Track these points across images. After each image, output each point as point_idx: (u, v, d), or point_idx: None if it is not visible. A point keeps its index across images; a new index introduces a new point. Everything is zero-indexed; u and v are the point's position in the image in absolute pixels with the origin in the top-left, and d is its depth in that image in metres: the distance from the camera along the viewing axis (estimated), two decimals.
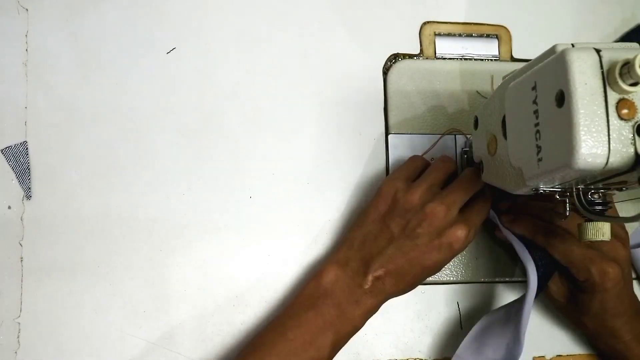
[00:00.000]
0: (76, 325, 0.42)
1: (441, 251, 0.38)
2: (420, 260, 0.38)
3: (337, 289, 0.38)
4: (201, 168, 0.45)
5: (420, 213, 0.38)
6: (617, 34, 0.50)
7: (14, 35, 0.45)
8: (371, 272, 0.38)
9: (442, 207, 0.38)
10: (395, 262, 0.38)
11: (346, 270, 0.39)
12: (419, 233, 0.38)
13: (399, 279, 0.38)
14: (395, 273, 0.38)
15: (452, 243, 0.38)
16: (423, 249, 0.38)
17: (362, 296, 0.38)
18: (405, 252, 0.38)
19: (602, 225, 0.33)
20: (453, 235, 0.38)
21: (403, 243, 0.38)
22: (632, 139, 0.26)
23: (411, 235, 0.38)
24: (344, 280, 0.38)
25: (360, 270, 0.38)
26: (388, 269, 0.38)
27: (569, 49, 0.27)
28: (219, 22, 0.47)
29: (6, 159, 0.44)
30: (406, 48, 0.49)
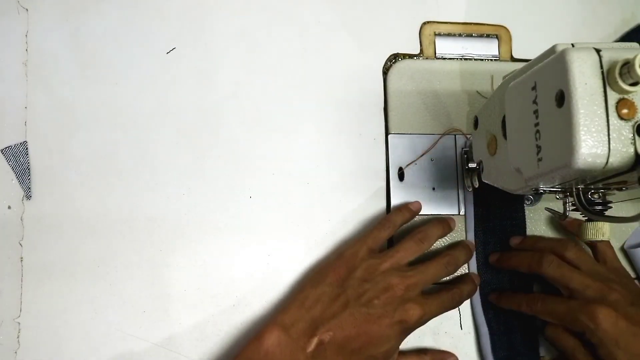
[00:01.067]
0: (76, 325, 0.42)
1: (391, 326, 0.38)
2: (368, 331, 0.37)
3: (279, 353, 0.37)
4: (201, 168, 0.45)
5: (380, 284, 0.38)
6: (617, 34, 0.50)
7: (14, 35, 0.45)
8: (317, 335, 0.37)
9: (403, 284, 0.39)
10: (344, 329, 0.37)
11: (290, 332, 0.37)
12: (375, 304, 0.38)
13: (343, 348, 0.37)
14: (341, 340, 0.37)
15: (404, 320, 0.38)
16: (374, 319, 0.37)
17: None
18: (357, 320, 0.37)
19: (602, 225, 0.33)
20: (406, 313, 0.38)
21: (357, 310, 0.38)
22: (632, 138, 0.26)
23: (367, 304, 0.38)
24: (287, 343, 0.37)
25: (307, 332, 0.37)
26: (335, 334, 0.37)
27: (569, 49, 0.27)
28: (219, 22, 0.47)
29: (6, 159, 0.44)
30: (406, 48, 0.49)
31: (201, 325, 0.43)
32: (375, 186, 0.46)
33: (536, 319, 0.43)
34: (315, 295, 0.39)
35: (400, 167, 0.46)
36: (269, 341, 0.37)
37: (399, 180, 0.46)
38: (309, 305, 0.39)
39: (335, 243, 0.45)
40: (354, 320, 0.37)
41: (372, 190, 0.46)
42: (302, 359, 0.37)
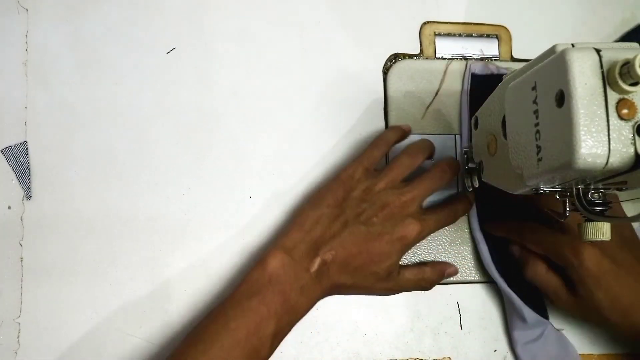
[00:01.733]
0: (76, 325, 0.42)
1: (391, 242, 0.39)
2: (369, 247, 0.38)
3: (283, 275, 0.37)
4: (201, 168, 0.45)
5: (377, 203, 0.39)
6: (617, 34, 0.50)
7: (14, 35, 0.45)
8: (320, 255, 0.38)
9: (400, 200, 0.39)
10: (344, 247, 0.38)
11: (293, 254, 0.38)
12: (374, 222, 0.39)
13: (345, 265, 0.38)
14: (343, 258, 0.38)
15: (403, 237, 0.39)
16: (375, 237, 0.39)
17: (307, 282, 0.38)
18: (357, 238, 0.38)
19: (602, 225, 0.33)
20: (406, 228, 0.39)
21: (357, 228, 0.39)
22: (632, 139, 0.26)
23: (366, 222, 0.39)
24: (290, 265, 0.38)
25: (309, 253, 0.38)
26: (337, 253, 0.38)
27: (569, 49, 0.27)
28: (219, 22, 0.47)
29: (6, 159, 0.44)
30: (406, 48, 0.49)
31: None
32: None
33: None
34: (314, 217, 0.40)
35: None
36: (272, 264, 0.38)
37: None
38: (309, 227, 0.39)
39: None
40: (354, 238, 0.38)
41: None
42: (307, 278, 0.38)
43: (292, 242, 0.39)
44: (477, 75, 0.47)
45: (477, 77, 0.47)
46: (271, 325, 0.36)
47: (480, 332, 0.46)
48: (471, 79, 0.47)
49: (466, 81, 0.47)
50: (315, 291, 0.38)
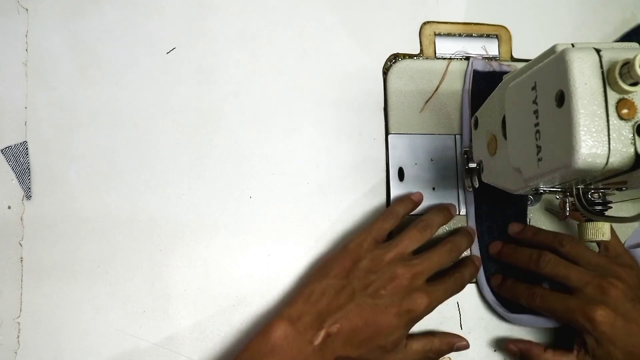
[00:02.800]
0: (76, 325, 0.42)
1: (398, 315, 0.38)
2: (376, 321, 0.37)
3: (286, 346, 0.37)
4: (201, 168, 0.45)
5: (386, 275, 0.38)
6: (617, 34, 0.50)
7: (14, 35, 0.45)
8: (325, 327, 0.37)
9: (408, 273, 0.39)
10: (351, 320, 0.37)
11: (297, 326, 0.37)
12: (381, 294, 0.38)
13: (350, 339, 0.37)
14: (348, 332, 0.37)
15: (411, 310, 0.38)
16: (382, 310, 0.38)
17: (310, 354, 0.37)
18: (364, 310, 0.37)
19: (602, 225, 0.33)
20: (413, 303, 0.38)
21: (364, 301, 0.38)
22: (632, 139, 0.26)
23: (373, 295, 0.38)
24: (294, 336, 0.37)
25: (314, 325, 0.37)
26: (342, 326, 0.37)
27: (569, 49, 0.27)
28: (219, 22, 0.47)
29: (6, 159, 0.44)
30: (406, 48, 0.49)
31: (201, 325, 0.43)
32: (375, 186, 0.46)
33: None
34: (320, 289, 0.39)
35: (400, 167, 0.46)
36: (276, 334, 0.37)
37: (398, 180, 0.46)
38: (315, 299, 0.39)
39: (335, 242, 0.45)
40: (361, 311, 0.38)
41: (372, 190, 0.46)
42: (310, 351, 0.37)
43: (297, 312, 0.38)
44: (479, 72, 0.47)
45: (479, 74, 0.47)
46: None
47: (480, 332, 0.46)
48: (473, 75, 0.47)
49: (468, 77, 0.47)
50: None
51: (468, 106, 0.46)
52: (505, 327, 0.46)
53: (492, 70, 0.47)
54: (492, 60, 0.47)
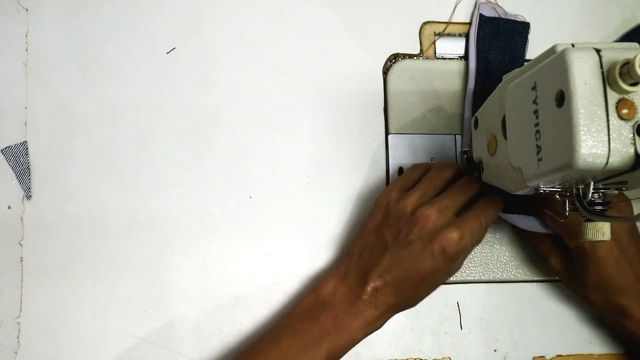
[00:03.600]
0: (76, 325, 0.42)
1: (435, 257, 0.37)
2: (416, 268, 0.38)
3: (336, 301, 0.38)
4: (201, 168, 0.45)
5: (411, 219, 0.38)
6: (617, 34, 0.50)
7: (14, 35, 0.45)
8: (369, 283, 0.38)
9: (432, 210, 0.38)
10: (392, 272, 0.38)
11: (345, 282, 0.39)
12: (411, 240, 0.38)
13: (398, 289, 0.38)
14: (393, 283, 0.38)
15: (445, 247, 0.37)
16: (417, 256, 0.37)
17: (361, 307, 0.38)
18: (400, 261, 0.38)
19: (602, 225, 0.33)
20: (444, 239, 0.37)
21: (397, 252, 0.38)
22: (632, 139, 0.26)
23: (404, 242, 0.38)
24: (343, 291, 0.38)
25: (359, 282, 0.38)
26: (386, 280, 0.38)
27: (569, 49, 0.27)
28: (219, 22, 0.47)
29: (6, 159, 0.44)
30: (406, 48, 0.49)
31: (201, 325, 0.43)
32: (375, 186, 0.46)
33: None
34: (359, 247, 0.40)
35: (400, 167, 0.46)
36: (325, 290, 0.39)
37: None
38: (357, 257, 0.40)
39: (335, 242, 0.45)
40: (398, 262, 0.38)
41: (372, 190, 0.46)
42: (360, 304, 0.38)
43: (344, 270, 0.40)
44: (485, 17, 0.47)
45: (484, 19, 0.47)
46: (323, 347, 0.37)
47: (480, 332, 0.46)
48: (479, 19, 0.47)
49: (474, 21, 0.47)
50: (371, 315, 0.38)
51: (470, 105, 0.46)
52: (505, 327, 0.46)
53: (498, 16, 0.47)
54: (499, 7, 0.48)
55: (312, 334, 0.37)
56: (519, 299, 0.46)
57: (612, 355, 0.46)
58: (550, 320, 0.46)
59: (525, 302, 0.46)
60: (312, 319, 0.38)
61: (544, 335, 0.46)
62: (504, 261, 0.46)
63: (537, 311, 0.46)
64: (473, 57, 0.47)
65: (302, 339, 0.37)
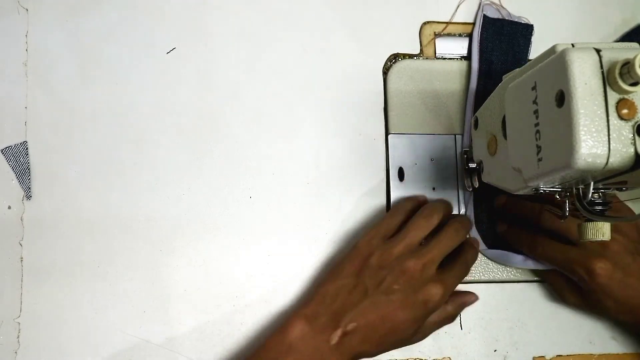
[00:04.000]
0: (76, 325, 0.42)
1: (415, 308, 0.38)
2: (392, 317, 0.37)
3: (302, 346, 0.37)
4: (201, 168, 0.45)
5: (396, 269, 0.38)
6: (617, 34, 0.50)
7: (14, 35, 0.45)
8: (341, 326, 0.37)
9: (419, 264, 0.38)
10: (366, 317, 0.37)
11: (314, 325, 0.38)
12: (394, 289, 0.38)
13: (368, 336, 0.37)
14: (365, 329, 0.37)
15: (427, 301, 0.38)
16: (397, 305, 0.37)
17: (327, 353, 0.37)
18: (379, 307, 0.37)
19: (602, 225, 0.33)
20: (428, 293, 0.38)
21: (378, 298, 0.38)
22: (632, 139, 0.26)
23: (386, 290, 0.38)
24: (311, 335, 0.37)
25: (330, 325, 0.37)
26: (359, 324, 0.37)
27: (569, 49, 0.27)
28: (219, 22, 0.47)
29: (6, 159, 0.44)
30: (406, 48, 0.48)
31: (201, 325, 0.43)
32: (375, 186, 0.46)
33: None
34: (334, 290, 0.39)
35: (400, 167, 0.46)
36: (292, 333, 0.37)
37: (399, 180, 0.46)
38: (330, 299, 0.39)
39: (335, 243, 0.45)
40: (376, 308, 0.38)
41: (372, 190, 0.46)
42: (327, 350, 0.37)
43: (313, 312, 0.38)
44: (488, 18, 0.47)
45: (488, 20, 0.47)
46: None
47: (480, 332, 0.46)
48: (483, 20, 0.47)
49: (478, 22, 0.48)
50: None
51: (472, 106, 0.46)
52: (505, 327, 0.46)
53: (502, 17, 0.47)
54: (502, 8, 0.48)
55: None
56: (519, 299, 0.46)
57: (612, 355, 0.46)
58: (550, 320, 0.46)
59: (525, 302, 0.46)
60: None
61: (544, 335, 0.46)
62: None
63: (537, 311, 0.46)
64: (476, 57, 0.47)
65: None
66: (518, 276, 0.46)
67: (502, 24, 0.47)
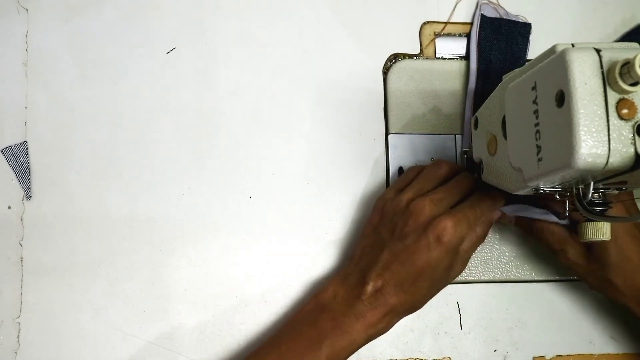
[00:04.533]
0: (76, 325, 0.42)
1: (431, 247, 0.37)
2: (412, 260, 0.37)
3: (335, 304, 0.38)
4: (201, 168, 0.45)
5: (405, 212, 0.38)
6: (617, 34, 0.50)
7: (14, 35, 0.45)
8: (369, 283, 0.38)
9: (426, 202, 0.38)
10: (390, 269, 0.37)
11: (345, 285, 0.39)
12: (406, 233, 0.38)
13: (398, 286, 0.37)
14: (393, 280, 0.37)
15: (439, 236, 0.37)
16: (413, 248, 0.37)
17: (361, 308, 0.37)
18: (397, 255, 0.37)
19: (602, 225, 0.33)
20: (438, 227, 0.37)
21: (394, 246, 0.38)
22: (632, 139, 0.26)
23: (400, 236, 0.38)
24: (343, 294, 0.38)
25: (359, 283, 0.38)
26: (385, 277, 0.37)
27: (569, 49, 0.27)
28: (219, 22, 0.47)
29: (6, 159, 0.44)
30: (406, 48, 0.49)
31: (201, 325, 0.43)
32: (375, 186, 0.46)
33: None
34: (359, 250, 0.40)
35: (400, 167, 0.46)
36: (325, 295, 0.39)
37: None
38: (357, 259, 0.40)
39: (335, 243, 0.45)
40: (395, 257, 0.38)
41: (372, 190, 0.46)
42: (360, 305, 0.38)
43: (345, 273, 0.40)
44: (486, 18, 0.48)
45: (486, 19, 0.47)
46: (323, 349, 0.37)
47: (480, 332, 0.46)
48: (481, 19, 0.47)
49: (476, 22, 0.48)
50: (372, 316, 0.37)
51: (471, 106, 0.46)
52: (505, 327, 0.46)
53: (500, 17, 0.48)
54: (500, 7, 0.48)
55: (311, 337, 0.37)
56: (519, 299, 0.46)
57: (612, 355, 0.46)
58: (550, 320, 0.46)
59: (525, 302, 0.46)
60: (311, 322, 0.38)
61: (544, 335, 0.46)
62: (504, 261, 0.46)
63: (537, 311, 0.46)
64: (474, 57, 0.47)
65: (301, 342, 0.37)
66: (518, 276, 0.46)
67: (500, 23, 0.47)
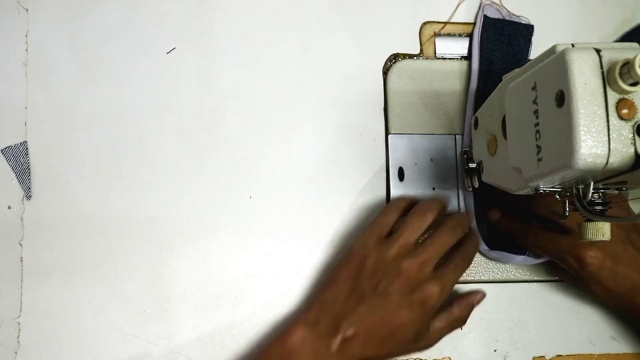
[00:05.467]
0: (76, 325, 0.42)
1: (413, 309, 0.37)
2: (390, 319, 0.37)
3: (303, 351, 0.37)
4: (201, 168, 0.45)
5: (392, 271, 0.38)
6: (617, 34, 0.50)
7: (14, 35, 0.45)
8: (341, 333, 0.37)
9: (415, 265, 0.38)
10: (365, 321, 0.37)
11: (314, 331, 0.37)
12: (390, 291, 0.37)
13: (368, 340, 0.37)
14: (365, 334, 0.37)
15: (425, 300, 0.37)
16: (394, 307, 0.37)
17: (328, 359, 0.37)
18: (376, 311, 0.37)
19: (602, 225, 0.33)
20: (425, 291, 0.37)
21: (375, 302, 0.37)
22: (632, 139, 0.26)
23: (383, 293, 0.37)
24: (312, 341, 0.37)
25: (330, 331, 0.37)
26: (358, 329, 0.37)
27: (569, 49, 0.27)
28: (219, 22, 0.47)
29: (6, 159, 0.44)
30: (406, 48, 0.49)
31: (201, 325, 0.43)
32: (375, 186, 0.46)
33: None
34: (332, 296, 0.39)
35: (400, 167, 0.46)
36: (293, 339, 0.37)
37: (399, 180, 0.46)
38: (329, 305, 0.38)
39: (335, 243, 0.45)
40: (373, 311, 0.37)
41: (372, 190, 0.46)
42: (327, 356, 0.37)
43: (314, 318, 0.38)
44: (489, 19, 0.48)
45: (489, 20, 0.48)
46: None
47: (480, 332, 0.46)
48: (483, 20, 0.47)
49: (478, 22, 0.48)
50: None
51: (472, 106, 0.46)
52: (505, 327, 0.46)
53: (502, 17, 0.48)
54: (503, 8, 0.48)
55: None
56: (519, 299, 0.46)
57: (612, 355, 0.46)
58: (550, 320, 0.46)
59: (525, 302, 0.46)
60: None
61: (544, 335, 0.46)
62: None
63: (537, 311, 0.46)
64: (476, 57, 0.47)
65: None
66: (518, 276, 0.46)
67: (503, 24, 0.47)
